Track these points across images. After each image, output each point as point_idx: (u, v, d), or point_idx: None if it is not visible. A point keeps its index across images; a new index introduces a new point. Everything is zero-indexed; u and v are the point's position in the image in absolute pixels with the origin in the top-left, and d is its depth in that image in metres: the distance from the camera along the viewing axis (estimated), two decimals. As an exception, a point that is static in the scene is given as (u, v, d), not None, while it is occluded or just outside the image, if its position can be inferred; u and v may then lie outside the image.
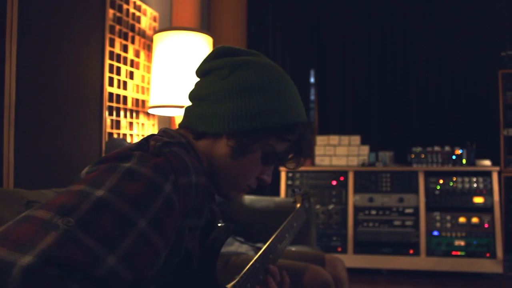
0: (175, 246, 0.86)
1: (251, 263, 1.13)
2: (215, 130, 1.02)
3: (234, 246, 2.30)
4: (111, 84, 2.87)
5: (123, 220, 0.75)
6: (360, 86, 5.17)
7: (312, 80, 5.42)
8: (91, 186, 0.79)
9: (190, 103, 1.11)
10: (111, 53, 2.88)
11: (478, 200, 4.31)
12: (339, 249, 4.40)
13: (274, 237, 1.26)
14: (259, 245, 2.47)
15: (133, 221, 0.76)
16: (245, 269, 1.10)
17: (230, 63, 1.06)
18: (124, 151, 0.88)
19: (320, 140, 4.75)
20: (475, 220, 4.28)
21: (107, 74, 2.83)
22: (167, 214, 0.82)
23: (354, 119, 5.15)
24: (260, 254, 1.17)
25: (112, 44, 2.89)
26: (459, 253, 4.26)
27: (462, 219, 4.31)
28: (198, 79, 1.13)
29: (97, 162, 0.87)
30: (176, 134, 1.04)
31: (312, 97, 5.43)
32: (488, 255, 4.20)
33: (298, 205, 1.55)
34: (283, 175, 4.62)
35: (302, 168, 4.64)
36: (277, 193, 4.73)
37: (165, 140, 0.93)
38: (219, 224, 1.03)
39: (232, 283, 1.06)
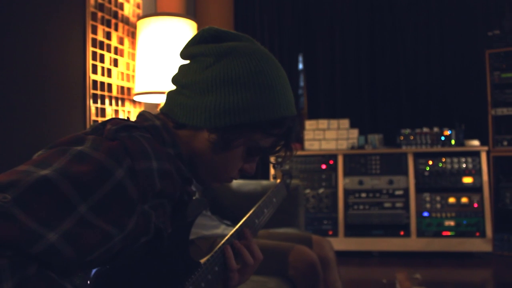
0: (141, 227, 0.85)
1: (226, 237, 1.13)
2: (195, 124, 0.99)
3: (220, 229, 2.31)
4: (94, 71, 2.85)
5: (63, 203, 0.73)
6: (349, 70, 5.16)
7: (300, 65, 5.41)
8: (36, 166, 0.76)
9: (173, 87, 1.07)
10: (94, 40, 2.86)
11: (467, 180, 4.33)
12: (330, 233, 4.42)
13: (252, 212, 1.26)
14: (246, 227, 2.47)
15: (73, 205, 0.74)
16: (220, 243, 1.10)
17: (215, 51, 1.00)
18: (78, 135, 0.86)
19: (309, 124, 4.75)
20: (464, 200, 4.31)
21: (90, 62, 2.80)
22: (116, 200, 0.79)
23: (344, 103, 5.15)
24: (237, 229, 1.17)
25: (94, 31, 2.86)
26: (449, 233, 4.28)
27: (451, 200, 4.33)
28: (182, 62, 1.09)
29: (50, 146, 0.84)
30: (151, 117, 1.01)
31: (301, 83, 5.43)
32: (477, 234, 4.23)
33: (278, 180, 1.55)
34: (272, 159, 4.60)
35: (291, 153, 4.64)
36: (266, 176, 4.73)
37: (124, 124, 0.90)
38: (195, 198, 1.02)
39: (207, 257, 1.06)
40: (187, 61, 1.07)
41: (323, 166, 4.57)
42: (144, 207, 0.85)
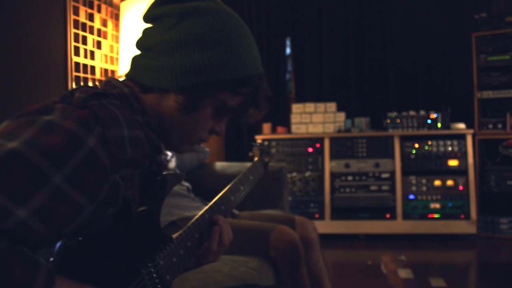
0: (110, 197, 0.84)
1: (200, 213, 1.12)
2: (162, 85, 0.98)
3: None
4: (77, 53, 2.81)
5: (36, 175, 0.72)
6: (336, 53, 5.14)
7: (288, 49, 5.39)
8: (3, 138, 0.74)
9: (137, 52, 1.05)
10: (76, 21, 2.82)
11: (453, 163, 4.35)
12: (317, 216, 4.43)
13: (227, 189, 1.26)
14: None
15: (47, 176, 0.73)
16: (193, 219, 1.10)
17: (177, 11, 0.99)
18: (46, 104, 0.84)
19: (296, 108, 4.74)
20: (450, 182, 4.33)
21: (72, 44, 2.77)
22: (90, 169, 0.79)
23: (331, 86, 5.14)
24: (211, 206, 1.16)
25: (76, 13, 2.82)
26: (434, 215, 4.31)
27: (437, 182, 4.36)
28: (145, 26, 1.07)
29: (16, 115, 0.82)
30: (119, 84, 1.00)
31: (289, 68, 5.41)
32: (462, 216, 4.27)
33: (256, 158, 1.54)
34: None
35: (278, 136, 4.65)
36: (251, 159, 4.72)
37: (94, 91, 0.89)
38: (165, 173, 1.02)
39: (179, 232, 1.05)
40: (150, 25, 1.06)
41: (310, 150, 4.57)
42: (116, 177, 0.84)
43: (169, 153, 2.68)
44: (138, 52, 1.05)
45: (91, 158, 0.79)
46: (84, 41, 2.89)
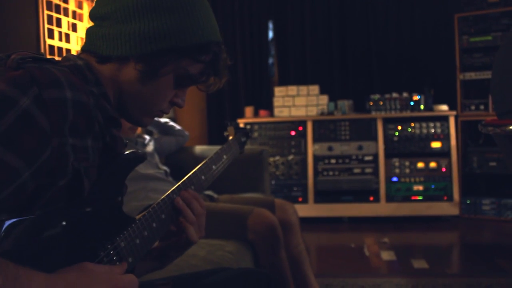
0: (56, 164, 0.80)
1: (166, 193, 1.08)
2: (120, 53, 0.95)
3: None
4: (51, 36, 2.74)
5: None
6: (319, 36, 5.10)
7: (271, 32, 5.33)
8: None
9: (92, 24, 1.01)
10: (49, 3, 2.74)
11: (436, 145, 4.35)
12: (300, 199, 4.41)
13: (198, 168, 1.21)
14: (208, 192, 2.44)
15: None
16: (159, 200, 1.05)
17: None
18: None
19: (279, 91, 4.69)
20: (433, 164, 4.33)
21: (46, 26, 2.69)
22: (24, 130, 0.75)
23: (314, 69, 5.10)
24: (178, 185, 1.12)
25: (49, -6, 2.74)
26: (417, 197, 4.32)
27: (420, 164, 4.35)
28: None
29: None
30: (73, 58, 0.96)
31: (272, 51, 5.35)
32: (445, 198, 4.27)
33: (231, 137, 1.49)
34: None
35: (260, 120, 4.61)
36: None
37: (34, 55, 0.85)
38: (127, 152, 0.97)
39: (143, 213, 1.01)
40: None
41: (293, 133, 4.53)
42: (63, 141, 0.80)
43: (147, 137, 2.63)
44: (93, 23, 1.01)
45: (25, 119, 0.75)
46: (59, 24, 2.81)
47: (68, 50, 2.88)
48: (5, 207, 0.75)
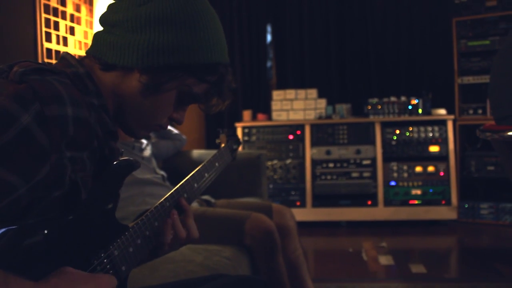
0: (53, 179, 0.79)
1: (160, 201, 1.07)
2: (126, 63, 0.93)
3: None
4: (48, 39, 2.73)
5: None
6: (317, 39, 5.10)
7: (269, 35, 5.33)
8: None
9: (101, 28, 1.00)
10: (47, 6, 2.73)
11: (434, 149, 4.34)
12: (298, 203, 4.40)
13: (190, 176, 1.20)
14: (205, 197, 2.42)
15: None
16: (152, 207, 1.04)
17: None
18: None
19: (277, 94, 4.69)
20: (431, 169, 4.32)
21: (43, 29, 2.68)
22: (23, 147, 0.74)
23: (312, 73, 5.10)
24: (172, 193, 1.11)
25: (46, -3, 2.74)
26: (415, 201, 4.31)
27: (418, 169, 4.35)
28: (112, 1, 1.01)
29: None
30: (75, 63, 0.94)
31: (270, 55, 5.35)
32: (443, 202, 4.26)
33: (223, 145, 1.49)
34: (239, 131, 4.57)
35: (258, 123, 4.60)
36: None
37: (36, 66, 0.83)
38: (120, 159, 0.96)
39: (136, 221, 1.00)
40: None
41: (291, 137, 4.53)
42: (61, 157, 0.79)
43: (145, 141, 2.62)
44: (102, 28, 1.00)
45: (24, 136, 0.74)
46: (56, 27, 2.80)
47: (65, 54, 2.86)
48: (3, 219, 0.74)
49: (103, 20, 1.00)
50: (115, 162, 0.94)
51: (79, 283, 0.79)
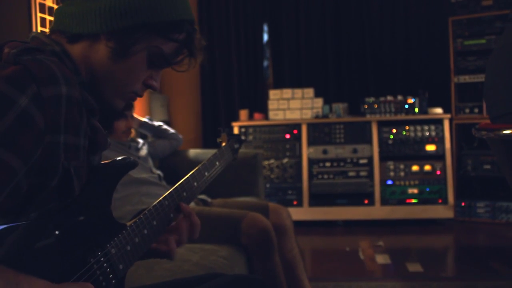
0: (47, 163, 0.79)
1: (158, 200, 1.07)
2: (91, 30, 0.93)
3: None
4: (44, 38, 2.72)
5: None
6: (314, 38, 5.10)
7: (265, 35, 5.32)
8: None
9: (60, 4, 0.99)
10: (42, 5, 2.73)
11: (430, 148, 4.35)
12: (295, 203, 4.40)
13: (190, 175, 1.20)
14: (201, 196, 2.42)
15: None
16: (151, 206, 1.04)
17: None
18: None
19: (273, 94, 4.69)
20: (427, 167, 4.33)
21: (38, 28, 2.67)
22: (23, 130, 0.75)
23: (309, 72, 5.10)
24: (171, 192, 1.11)
25: (42, -4, 2.73)
26: (412, 200, 4.31)
27: (415, 168, 4.35)
28: None
29: None
30: (49, 41, 0.93)
31: (267, 54, 5.35)
32: (440, 201, 4.27)
33: (224, 144, 1.49)
34: (236, 130, 4.56)
35: (255, 123, 4.59)
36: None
37: (26, 46, 0.84)
38: (118, 158, 0.96)
39: (134, 219, 1.00)
40: None
41: (287, 136, 4.53)
42: (55, 139, 0.80)
43: (141, 141, 2.62)
44: (61, 4, 0.98)
45: (24, 119, 0.75)
46: (52, 26, 2.79)
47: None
48: (3, 209, 0.75)
49: None
50: (113, 161, 0.94)
51: None
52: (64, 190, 0.84)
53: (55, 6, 2.81)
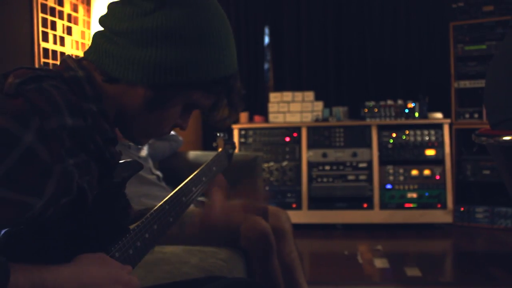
0: (62, 188, 0.78)
1: (159, 204, 1.08)
2: (131, 79, 0.89)
3: (173, 200, 2.25)
4: (45, 39, 2.73)
5: None
6: (315, 42, 5.10)
7: (266, 37, 5.33)
8: None
9: (101, 29, 0.95)
10: (44, 6, 2.73)
11: (430, 152, 4.35)
12: (294, 206, 4.40)
13: (189, 179, 1.21)
14: (201, 199, 2.42)
15: None
16: (152, 210, 1.05)
17: None
18: None
19: (274, 97, 4.69)
20: (427, 172, 4.33)
21: (40, 29, 2.68)
22: (28, 167, 0.73)
23: (310, 75, 5.10)
24: (171, 196, 1.12)
25: (44, -3, 2.73)
26: (411, 205, 4.31)
27: (414, 172, 4.35)
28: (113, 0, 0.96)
29: None
30: (75, 66, 0.90)
31: (268, 57, 5.35)
32: (439, 206, 4.27)
33: (220, 149, 1.49)
34: (236, 133, 4.57)
35: (255, 125, 4.60)
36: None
37: (31, 74, 0.80)
38: (123, 161, 0.96)
39: (137, 223, 1.00)
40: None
41: (287, 139, 4.53)
42: (65, 166, 0.78)
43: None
44: (102, 29, 0.94)
45: (28, 155, 0.73)
46: (53, 27, 2.80)
47: (62, 53, 2.86)
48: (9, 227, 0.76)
49: (104, 23, 0.94)
50: (119, 163, 0.94)
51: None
52: (77, 206, 0.84)
53: (57, 7, 2.82)
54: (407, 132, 4.40)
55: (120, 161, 0.97)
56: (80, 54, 3.05)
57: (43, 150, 0.74)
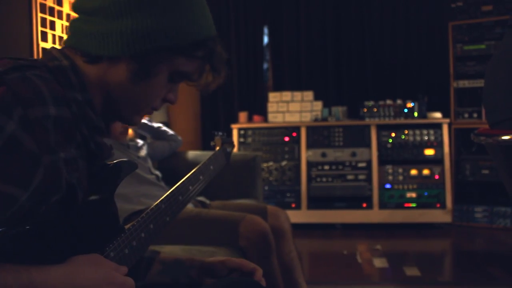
0: (50, 183, 0.78)
1: (155, 203, 1.07)
2: (112, 53, 0.89)
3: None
4: (44, 39, 2.72)
5: None
6: (314, 42, 5.10)
7: (266, 37, 5.33)
8: None
9: (76, 15, 0.95)
10: (43, 6, 2.73)
11: (429, 152, 4.35)
12: (293, 205, 4.40)
13: (186, 178, 1.20)
14: (200, 198, 2.43)
15: None
16: (148, 210, 1.04)
17: None
18: None
19: (273, 96, 4.69)
20: (426, 172, 4.33)
21: (39, 29, 2.68)
22: (12, 156, 0.73)
23: (309, 75, 5.10)
24: (167, 195, 1.11)
25: (43, -4, 2.73)
26: (410, 204, 4.31)
27: (413, 172, 4.35)
28: None
29: None
30: (59, 56, 0.90)
31: (267, 56, 5.35)
32: (438, 205, 4.27)
33: (217, 148, 1.49)
34: (235, 133, 4.57)
35: (254, 125, 4.60)
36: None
37: (15, 64, 0.80)
38: (116, 160, 0.96)
39: (132, 222, 1.00)
40: None
41: (286, 139, 4.53)
42: (55, 158, 0.78)
43: (140, 141, 2.62)
44: (77, 16, 0.95)
45: (12, 144, 0.73)
46: (52, 27, 2.80)
47: (61, 54, 2.85)
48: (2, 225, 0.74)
49: (77, 7, 0.94)
50: (112, 163, 0.94)
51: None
52: (67, 202, 0.83)
53: (56, 6, 2.82)
54: (406, 131, 4.40)
55: (114, 161, 0.96)
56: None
57: (27, 139, 0.74)
